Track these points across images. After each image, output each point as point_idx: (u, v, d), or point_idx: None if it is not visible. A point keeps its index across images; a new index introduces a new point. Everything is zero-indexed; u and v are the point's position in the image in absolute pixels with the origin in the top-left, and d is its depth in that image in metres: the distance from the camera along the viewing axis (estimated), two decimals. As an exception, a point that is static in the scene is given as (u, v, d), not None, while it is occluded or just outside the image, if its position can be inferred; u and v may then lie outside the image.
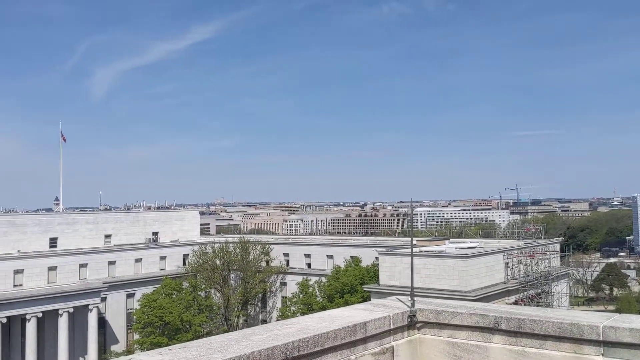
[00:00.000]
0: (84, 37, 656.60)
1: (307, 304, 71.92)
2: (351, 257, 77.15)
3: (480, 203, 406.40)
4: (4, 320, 65.85)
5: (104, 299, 76.96)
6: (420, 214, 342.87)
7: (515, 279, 62.17)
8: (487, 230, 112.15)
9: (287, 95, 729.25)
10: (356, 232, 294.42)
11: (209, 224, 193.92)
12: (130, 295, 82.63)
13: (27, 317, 67.70)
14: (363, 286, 65.07)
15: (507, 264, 62.77)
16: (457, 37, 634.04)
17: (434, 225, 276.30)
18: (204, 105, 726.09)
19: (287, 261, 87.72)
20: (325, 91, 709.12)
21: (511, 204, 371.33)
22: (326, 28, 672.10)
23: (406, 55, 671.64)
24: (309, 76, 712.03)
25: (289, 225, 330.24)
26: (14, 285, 72.05)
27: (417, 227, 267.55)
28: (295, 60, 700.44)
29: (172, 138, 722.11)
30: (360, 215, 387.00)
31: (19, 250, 77.77)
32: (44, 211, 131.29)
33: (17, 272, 73.14)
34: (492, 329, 6.44)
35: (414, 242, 74.35)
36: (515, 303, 57.67)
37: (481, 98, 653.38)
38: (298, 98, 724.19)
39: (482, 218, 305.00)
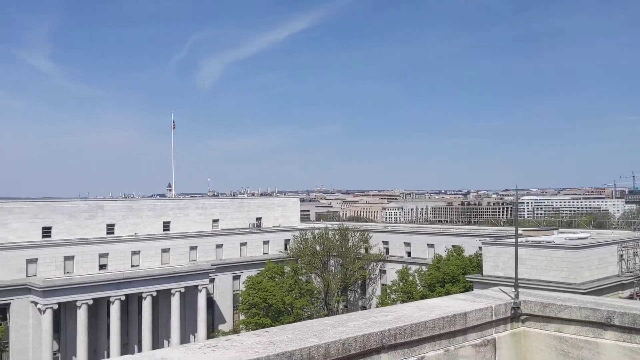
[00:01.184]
0: (192, 31, 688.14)
1: (407, 293, 71.37)
2: (453, 246, 75.48)
3: (592, 191, 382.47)
4: (123, 298, 71.02)
5: (212, 280, 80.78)
6: (527, 203, 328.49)
7: (630, 272, 58.03)
8: (599, 220, 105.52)
9: (388, 81, 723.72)
10: (458, 221, 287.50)
11: (308, 211, 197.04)
12: (236, 277, 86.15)
13: (144, 295, 72.53)
14: (465, 276, 63.53)
15: (621, 256, 58.67)
16: (566, 15, 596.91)
17: (541, 214, 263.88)
18: (305, 93, 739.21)
19: (387, 249, 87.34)
20: (427, 77, 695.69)
21: (627, 192, 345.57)
22: (427, 11, 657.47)
23: (511, 37, 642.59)
24: (410, 61, 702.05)
25: (388, 213, 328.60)
26: (132, 266, 77.50)
27: (524, 217, 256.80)
28: (396, 46, 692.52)
29: (275, 127, 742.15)
30: (462, 204, 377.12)
31: (136, 233, 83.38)
32: (158, 197, 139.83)
33: (134, 253, 78.61)
34: (603, 324, 6.02)
35: (520, 231, 71.42)
36: (630, 297, 53.81)
37: (592, 81, 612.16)
38: (399, 84, 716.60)
39: (594, 207, 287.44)
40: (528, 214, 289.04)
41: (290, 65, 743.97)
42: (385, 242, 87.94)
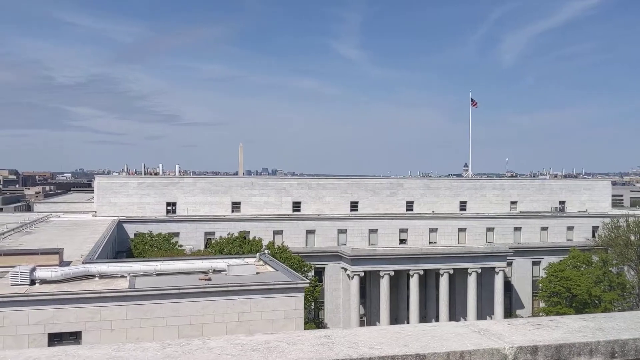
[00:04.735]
0: (492, 7, 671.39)
1: None
2: None
3: None
4: (421, 272, 74.28)
5: (509, 264, 78.83)
6: None
7: None
8: None
9: None
10: None
11: (621, 196, 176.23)
12: (535, 263, 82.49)
13: (441, 272, 74.73)
14: None
15: None
16: None
17: None
18: (622, 63, 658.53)
19: None
20: None
21: None
22: None
23: None
24: None
25: None
26: (429, 242, 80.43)
27: None
28: None
29: (583, 101, 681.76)
30: None
31: (433, 211, 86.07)
32: (454, 176, 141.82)
33: (431, 230, 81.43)
34: None
35: None
36: None
37: None
38: None
39: None
40: None
41: (606, 32, 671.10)
42: None
